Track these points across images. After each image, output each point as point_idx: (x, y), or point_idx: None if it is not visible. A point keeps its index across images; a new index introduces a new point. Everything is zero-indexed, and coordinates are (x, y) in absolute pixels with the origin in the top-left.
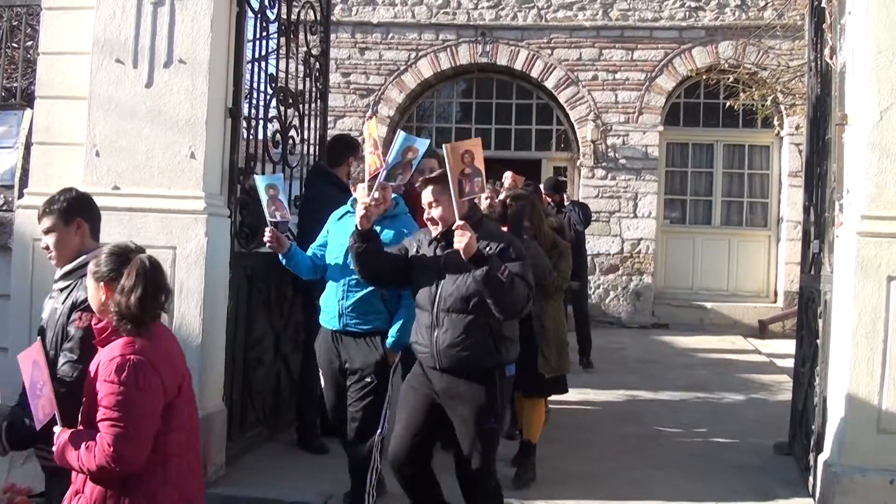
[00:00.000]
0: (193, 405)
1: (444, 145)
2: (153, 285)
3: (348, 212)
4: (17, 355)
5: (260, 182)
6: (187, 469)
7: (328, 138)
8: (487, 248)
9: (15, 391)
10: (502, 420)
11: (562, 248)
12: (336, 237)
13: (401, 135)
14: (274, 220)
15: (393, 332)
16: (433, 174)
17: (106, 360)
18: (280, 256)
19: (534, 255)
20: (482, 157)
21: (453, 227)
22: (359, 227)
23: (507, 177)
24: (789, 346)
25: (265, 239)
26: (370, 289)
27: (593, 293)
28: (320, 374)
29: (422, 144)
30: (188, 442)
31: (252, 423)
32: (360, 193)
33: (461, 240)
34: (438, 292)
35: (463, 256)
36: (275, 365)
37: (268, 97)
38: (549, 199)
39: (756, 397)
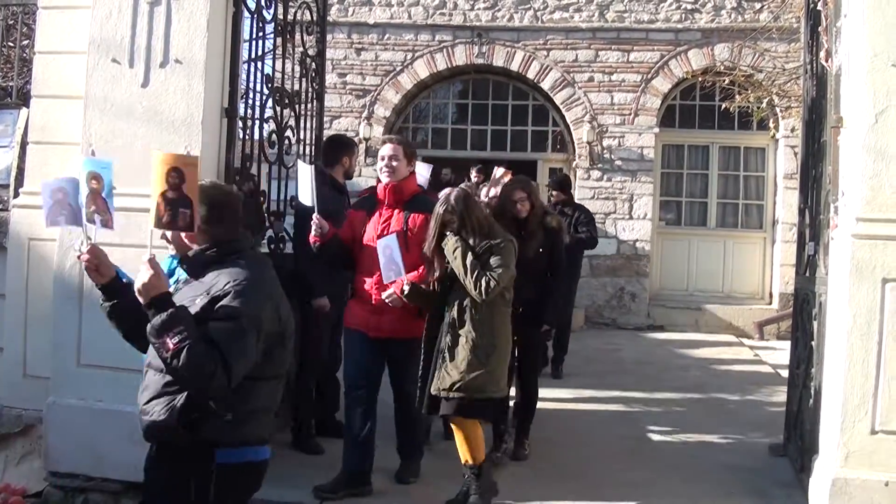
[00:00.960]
0: None
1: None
2: None
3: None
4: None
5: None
6: None
7: (324, 139)
8: (203, 296)
9: (12, 390)
10: None
11: (494, 245)
12: None
13: (83, 161)
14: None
15: None
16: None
17: None
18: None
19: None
20: (196, 182)
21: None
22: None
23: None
24: (784, 347)
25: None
26: None
27: (590, 294)
28: None
29: (100, 165)
30: None
31: None
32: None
33: (139, 278)
34: None
35: (139, 299)
36: None
37: (264, 97)
38: (555, 199)
39: (751, 399)
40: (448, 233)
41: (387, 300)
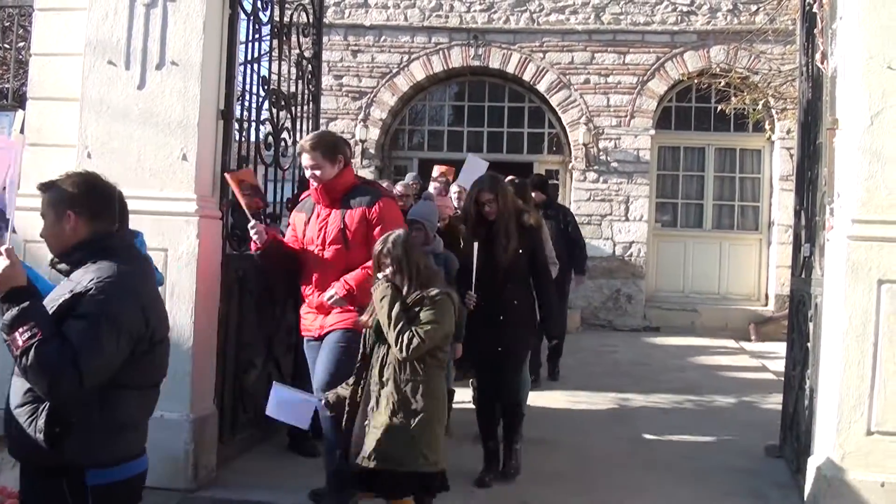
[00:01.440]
0: None
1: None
2: None
3: None
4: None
5: None
6: None
7: None
8: (67, 293)
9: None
10: None
11: (428, 297)
12: None
13: None
14: None
15: None
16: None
17: None
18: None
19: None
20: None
21: None
22: None
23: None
24: (780, 348)
25: None
26: None
27: (586, 296)
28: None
29: None
30: None
31: (244, 425)
32: None
33: None
34: None
35: None
36: (266, 367)
37: (260, 99)
38: (534, 200)
39: (747, 400)
40: (379, 276)
41: (328, 301)
